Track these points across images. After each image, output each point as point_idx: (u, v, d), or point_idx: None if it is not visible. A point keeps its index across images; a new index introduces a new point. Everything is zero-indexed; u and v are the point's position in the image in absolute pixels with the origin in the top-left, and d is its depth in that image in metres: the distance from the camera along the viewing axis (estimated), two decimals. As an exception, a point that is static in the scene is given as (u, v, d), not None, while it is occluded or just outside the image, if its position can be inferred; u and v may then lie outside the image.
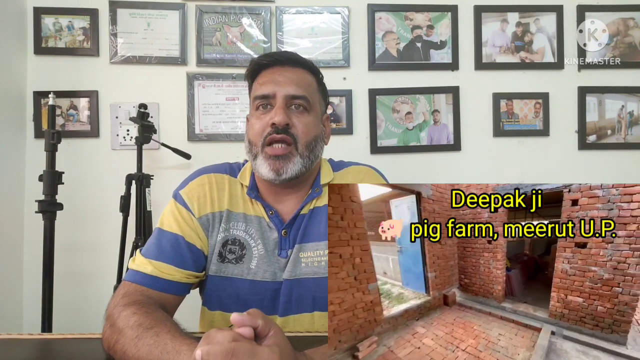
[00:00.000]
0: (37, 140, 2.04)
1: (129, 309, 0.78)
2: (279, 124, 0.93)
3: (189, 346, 0.66)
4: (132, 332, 0.73)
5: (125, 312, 0.78)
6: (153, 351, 0.68)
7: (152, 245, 0.95)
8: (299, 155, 0.95)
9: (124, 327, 0.75)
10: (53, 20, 2.08)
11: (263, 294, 0.98)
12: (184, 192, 1.00)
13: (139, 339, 0.71)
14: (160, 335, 0.70)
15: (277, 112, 0.93)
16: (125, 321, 0.76)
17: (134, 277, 0.91)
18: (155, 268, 0.91)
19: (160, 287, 0.90)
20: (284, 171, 0.94)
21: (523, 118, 2.19)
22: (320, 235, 0.98)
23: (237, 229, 0.99)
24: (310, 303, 0.97)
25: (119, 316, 0.78)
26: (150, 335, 0.71)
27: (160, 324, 0.74)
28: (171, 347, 0.67)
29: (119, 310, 0.79)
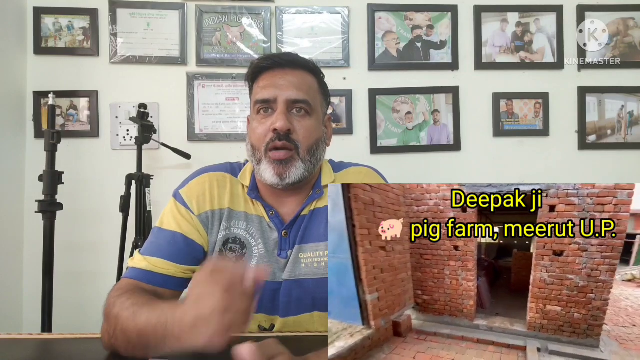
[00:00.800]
0: (37, 140, 2.04)
1: (122, 297, 0.80)
2: (281, 130, 0.92)
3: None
4: (128, 312, 0.74)
5: (120, 300, 0.79)
6: (150, 318, 0.69)
7: (149, 243, 0.96)
8: (301, 160, 0.95)
9: (120, 311, 0.76)
10: (53, 20, 2.08)
11: (262, 293, 0.98)
12: (184, 192, 1.00)
13: (135, 314, 0.73)
14: (155, 305, 0.72)
15: (279, 117, 0.93)
16: (120, 306, 0.77)
17: (129, 273, 0.92)
18: (149, 263, 0.91)
19: (155, 281, 0.91)
20: (287, 176, 0.93)
21: (523, 118, 2.19)
22: (320, 236, 0.98)
23: (238, 228, 0.99)
24: (310, 304, 0.98)
25: (114, 306, 0.78)
26: (145, 309, 0.73)
27: (154, 299, 0.78)
28: (167, 309, 0.68)
29: (113, 301, 0.80)
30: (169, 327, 0.65)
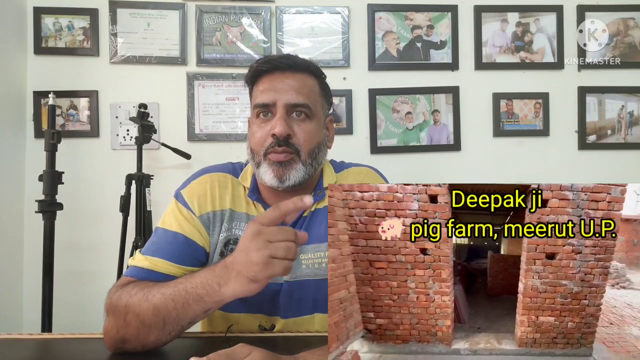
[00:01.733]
0: (37, 140, 2.04)
1: (127, 287, 0.82)
2: (280, 136, 0.92)
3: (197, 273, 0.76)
4: (138, 296, 0.78)
5: (125, 290, 0.81)
6: (165, 293, 0.76)
7: (150, 243, 0.96)
8: (302, 163, 0.94)
9: (129, 299, 0.79)
10: (53, 20, 2.08)
11: (263, 294, 0.97)
12: (185, 192, 1.00)
13: (147, 295, 0.78)
14: (164, 284, 0.78)
15: (278, 122, 0.92)
16: (128, 294, 0.80)
17: (130, 272, 0.91)
18: (151, 263, 0.91)
19: (156, 279, 0.90)
20: (287, 178, 0.93)
21: (523, 118, 2.19)
22: (321, 236, 0.98)
23: (240, 229, 0.99)
24: (310, 305, 0.97)
25: (120, 297, 0.80)
26: (156, 288, 0.78)
27: (159, 283, 0.80)
28: (181, 281, 0.76)
29: (117, 295, 0.81)
30: (208, 280, 0.74)
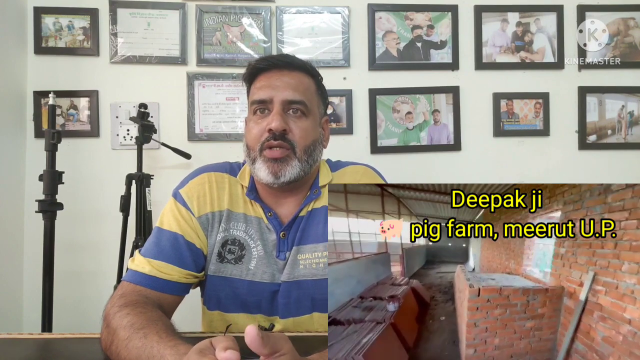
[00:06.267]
0: (37, 140, 2.04)
1: (123, 310, 0.79)
2: (276, 130, 0.93)
3: (173, 349, 0.66)
4: (124, 332, 0.74)
5: (120, 313, 0.79)
6: (140, 355, 0.69)
7: (151, 245, 0.95)
8: (297, 160, 0.95)
9: (117, 328, 0.76)
10: (53, 20, 2.08)
11: (261, 295, 0.98)
12: (184, 191, 1.00)
13: (129, 340, 0.72)
14: (148, 337, 0.71)
15: (274, 117, 0.93)
16: (119, 322, 0.77)
17: (132, 277, 0.91)
18: (153, 267, 0.91)
19: (159, 287, 0.90)
20: (282, 174, 0.93)
21: (523, 118, 2.18)
22: (319, 236, 0.98)
23: (237, 229, 0.99)
24: (309, 305, 0.98)
25: (114, 317, 0.78)
26: (139, 337, 0.72)
27: (151, 324, 0.74)
28: (156, 350, 0.68)
29: (114, 311, 0.80)
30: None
